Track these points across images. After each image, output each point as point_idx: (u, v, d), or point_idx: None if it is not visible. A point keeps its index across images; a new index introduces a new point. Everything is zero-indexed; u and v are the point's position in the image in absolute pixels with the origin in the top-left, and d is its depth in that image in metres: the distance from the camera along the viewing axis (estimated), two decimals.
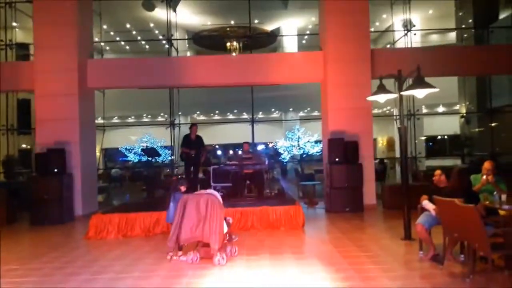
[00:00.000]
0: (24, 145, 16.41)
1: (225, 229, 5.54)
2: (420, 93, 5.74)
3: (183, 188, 6.00)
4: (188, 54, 20.66)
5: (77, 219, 9.48)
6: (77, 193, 9.74)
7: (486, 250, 4.00)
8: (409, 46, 12.97)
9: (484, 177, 5.55)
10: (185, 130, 10.59)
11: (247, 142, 10.29)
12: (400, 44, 14.17)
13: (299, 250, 6.03)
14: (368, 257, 5.43)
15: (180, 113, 17.01)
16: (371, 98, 6.65)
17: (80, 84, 10.05)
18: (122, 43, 20.04)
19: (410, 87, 5.73)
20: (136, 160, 21.10)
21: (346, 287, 4.34)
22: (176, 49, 13.88)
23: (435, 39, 20.13)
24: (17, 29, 13.27)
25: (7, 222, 9.13)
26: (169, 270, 5.18)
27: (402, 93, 6.20)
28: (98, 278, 4.91)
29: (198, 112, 23.70)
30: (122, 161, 23.69)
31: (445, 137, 24.55)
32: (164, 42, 14.33)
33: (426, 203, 5.29)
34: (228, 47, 20.49)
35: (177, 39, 14.57)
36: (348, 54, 9.95)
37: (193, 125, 10.03)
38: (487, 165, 5.74)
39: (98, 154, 14.55)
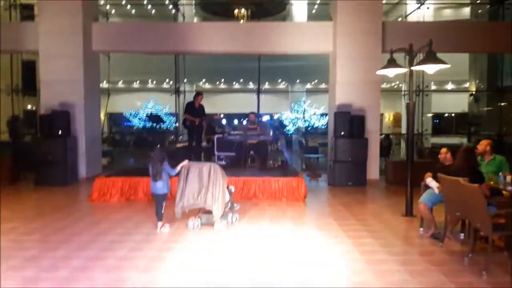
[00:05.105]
0: (29, 106, 16.38)
1: (227, 197, 5.57)
2: (431, 68, 5.59)
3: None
4: (195, 20, 20.23)
5: (81, 181, 9.60)
6: (81, 155, 9.82)
7: (488, 230, 3.98)
8: (422, 20, 12.61)
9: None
10: (190, 97, 10.48)
11: (253, 113, 10.17)
12: (412, 18, 13.79)
13: (299, 221, 6.05)
14: (368, 232, 5.45)
15: (185, 80, 16.85)
16: (380, 72, 6.51)
17: (85, 47, 9.92)
18: (128, 7, 19.59)
19: (421, 62, 5.59)
20: (140, 126, 21.08)
21: (345, 260, 4.37)
22: (183, 15, 13.58)
23: (448, 14, 19.56)
24: None
25: (11, 181, 9.25)
26: (169, 235, 5.24)
27: (413, 68, 6.05)
28: (100, 240, 4.96)
29: (203, 80, 23.42)
30: (126, 126, 23.68)
31: (453, 114, 24.26)
32: (171, 7, 14.00)
33: (430, 181, 5.23)
34: (236, 14, 20.02)
35: (183, 4, 14.24)
36: (359, 25, 9.70)
37: (199, 94, 9.89)
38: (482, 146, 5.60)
39: (102, 118, 14.52)
